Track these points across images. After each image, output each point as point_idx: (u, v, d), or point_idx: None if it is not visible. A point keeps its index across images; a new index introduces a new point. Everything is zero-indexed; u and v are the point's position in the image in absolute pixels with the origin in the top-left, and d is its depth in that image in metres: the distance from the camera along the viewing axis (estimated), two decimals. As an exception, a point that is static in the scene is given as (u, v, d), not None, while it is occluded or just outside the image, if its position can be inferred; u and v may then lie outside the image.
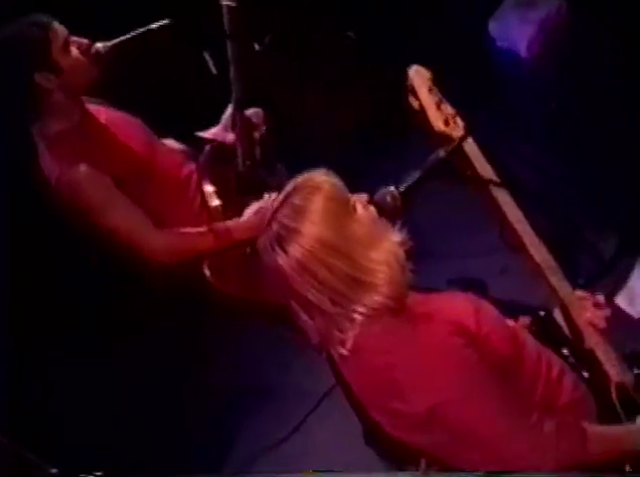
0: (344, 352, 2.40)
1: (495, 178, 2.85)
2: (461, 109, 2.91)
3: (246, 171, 3.85)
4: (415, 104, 2.95)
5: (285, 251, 2.37)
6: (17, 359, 4.39)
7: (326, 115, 5.13)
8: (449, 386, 2.38)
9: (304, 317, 2.42)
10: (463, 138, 2.86)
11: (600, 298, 2.79)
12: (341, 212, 2.43)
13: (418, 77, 2.97)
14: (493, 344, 2.49)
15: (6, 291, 4.28)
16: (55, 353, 4.64)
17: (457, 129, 2.90)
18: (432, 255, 4.65)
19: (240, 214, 3.68)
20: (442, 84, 2.95)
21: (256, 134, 3.88)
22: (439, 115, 2.89)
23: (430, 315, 2.46)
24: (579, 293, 2.82)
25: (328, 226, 2.38)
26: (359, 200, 2.53)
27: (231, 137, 3.87)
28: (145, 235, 3.55)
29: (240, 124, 3.81)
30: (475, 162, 2.86)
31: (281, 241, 2.38)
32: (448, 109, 2.92)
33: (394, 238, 2.46)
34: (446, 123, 2.88)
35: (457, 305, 2.57)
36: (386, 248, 2.43)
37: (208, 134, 3.91)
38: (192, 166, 3.92)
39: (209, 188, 3.86)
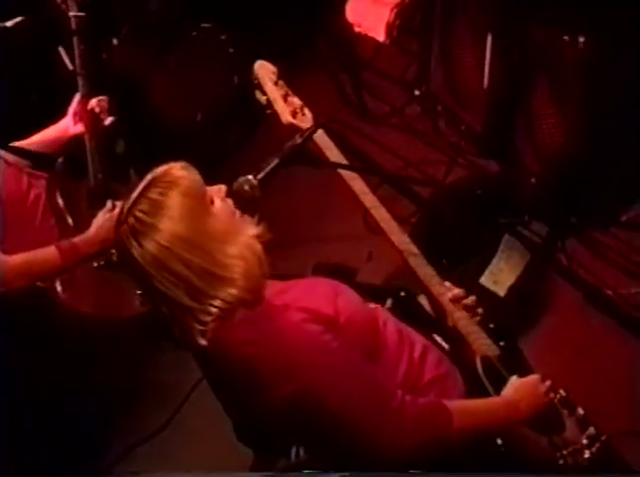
0: (203, 342, 2.37)
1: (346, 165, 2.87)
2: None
3: (98, 185, 3.77)
4: (263, 99, 2.95)
5: (141, 246, 2.34)
6: None
7: (183, 105, 5.09)
8: (309, 372, 2.36)
9: (165, 311, 2.39)
10: (320, 124, 2.86)
11: (459, 291, 2.82)
12: (198, 207, 2.38)
13: (263, 71, 2.98)
14: (353, 329, 2.49)
15: None
16: None
17: (306, 120, 2.91)
18: (300, 241, 4.68)
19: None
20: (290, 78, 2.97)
21: (103, 123, 3.80)
22: (287, 108, 2.89)
23: (288, 305, 2.44)
24: (445, 283, 2.84)
25: (184, 222, 2.34)
26: (217, 193, 2.50)
27: (75, 129, 3.78)
28: None
29: (86, 116, 3.74)
30: (326, 151, 2.87)
31: (137, 236, 2.33)
32: (295, 101, 2.92)
33: (250, 232, 2.44)
34: (294, 115, 2.88)
35: (315, 292, 2.56)
36: (242, 243, 2.41)
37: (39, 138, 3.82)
38: (38, 188, 3.77)
39: (60, 203, 3.75)
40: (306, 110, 2.90)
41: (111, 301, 3.69)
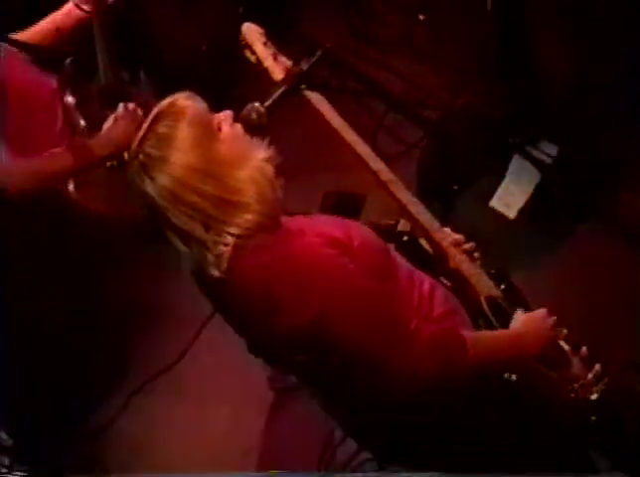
0: (216, 273, 2.38)
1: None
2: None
3: (109, 85, 3.72)
4: (253, 58, 2.97)
5: (153, 180, 2.34)
6: None
7: (189, 35, 5.05)
8: (328, 295, 2.37)
9: (181, 247, 2.40)
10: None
11: (459, 236, 2.84)
12: (206, 135, 2.39)
13: (251, 33, 2.99)
14: (367, 254, 2.50)
15: None
16: None
17: None
18: (309, 170, 4.68)
19: (103, 129, 3.61)
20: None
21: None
22: (277, 66, 2.91)
23: (303, 230, 2.45)
24: (445, 228, 2.86)
25: (194, 152, 2.34)
26: (224, 119, 2.50)
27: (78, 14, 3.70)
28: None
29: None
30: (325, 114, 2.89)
31: (149, 171, 2.34)
32: (285, 60, 2.94)
33: (260, 155, 2.44)
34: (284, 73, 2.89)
35: (327, 221, 2.59)
36: (252, 166, 2.41)
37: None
38: (52, 84, 3.76)
39: (71, 102, 3.73)
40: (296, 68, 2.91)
41: (124, 201, 3.57)
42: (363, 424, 2.79)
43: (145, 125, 2.40)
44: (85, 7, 3.66)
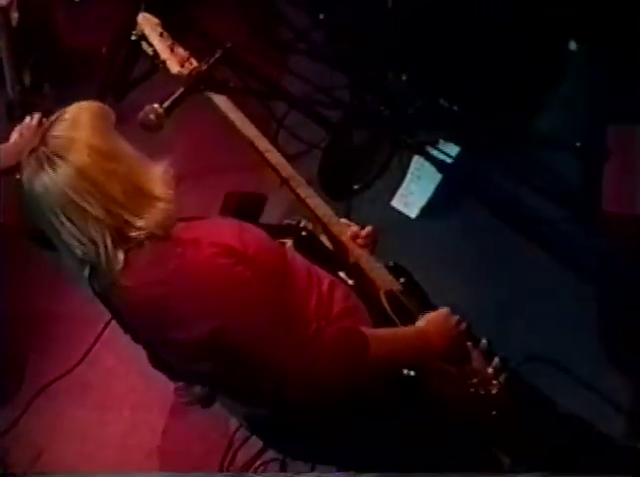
0: (109, 279, 2.37)
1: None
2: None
3: (16, 96, 3.74)
4: (150, 51, 2.94)
5: (65, 160, 2.30)
6: None
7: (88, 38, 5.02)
8: (226, 307, 2.37)
9: (78, 235, 2.36)
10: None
11: (357, 228, 2.84)
12: (109, 127, 2.39)
13: (147, 24, 2.96)
14: (262, 260, 2.48)
15: None
16: None
17: None
18: (211, 171, 4.67)
19: (9, 141, 3.59)
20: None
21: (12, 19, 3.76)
22: (174, 58, 2.88)
23: (198, 240, 2.41)
24: (342, 220, 2.87)
25: (101, 134, 2.34)
26: None
27: None
28: None
29: None
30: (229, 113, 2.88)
31: (60, 152, 2.31)
32: (181, 52, 2.91)
33: (159, 165, 2.45)
34: (182, 65, 2.87)
35: (221, 229, 2.54)
36: (159, 169, 2.42)
37: None
38: None
39: None
40: (193, 60, 2.89)
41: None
42: (268, 424, 2.78)
43: (51, 119, 2.41)
44: None
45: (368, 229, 2.82)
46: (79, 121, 2.35)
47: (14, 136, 3.52)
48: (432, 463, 2.76)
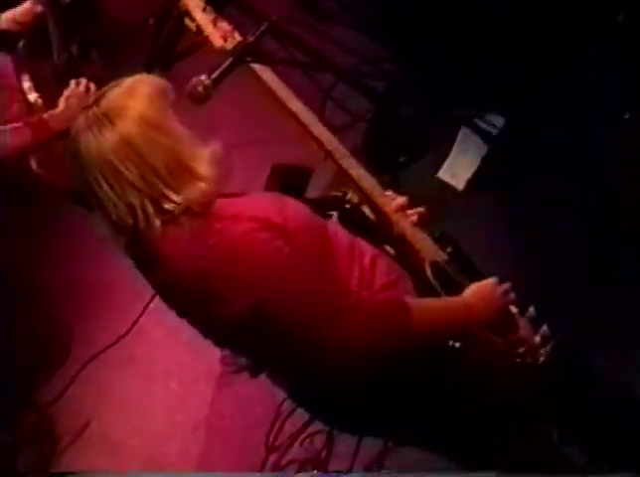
0: (158, 245, 2.38)
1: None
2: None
3: (63, 63, 3.79)
4: (192, 26, 2.95)
5: (114, 125, 2.31)
6: None
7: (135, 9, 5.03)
8: (265, 281, 2.37)
9: (115, 199, 2.36)
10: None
11: (403, 200, 2.83)
12: (166, 104, 2.40)
13: None
14: (303, 235, 2.46)
15: None
16: None
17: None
18: (257, 142, 4.67)
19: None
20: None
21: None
22: (217, 32, 2.89)
23: (237, 216, 2.41)
24: (387, 192, 2.85)
25: (154, 107, 2.35)
26: None
27: (39, 9, 3.81)
28: None
29: None
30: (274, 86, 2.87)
31: (110, 116, 2.32)
32: (225, 26, 2.91)
33: (211, 148, 2.44)
34: (225, 39, 2.87)
35: (263, 203, 2.52)
36: (208, 149, 2.41)
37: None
38: (7, 64, 3.83)
39: (27, 83, 3.81)
40: (236, 34, 2.90)
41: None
42: (315, 395, 2.78)
43: (107, 87, 2.41)
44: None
45: (417, 209, 2.80)
46: (136, 90, 2.37)
47: (62, 102, 3.63)
48: (463, 441, 2.75)
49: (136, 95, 2.36)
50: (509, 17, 4.07)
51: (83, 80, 3.64)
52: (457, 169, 4.28)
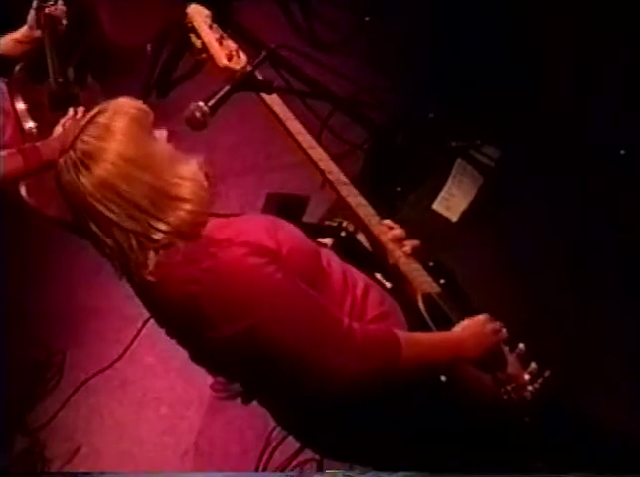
0: (150, 278, 2.36)
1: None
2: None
3: (58, 88, 3.76)
4: (198, 42, 2.95)
5: (89, 169, 2.31)
6: None
7: (133, 35, 5.04)
8: (258, 306, 2.36)
9: (103, 238, 2.37)
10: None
11: (399, 230, 2.83)
12: (145, 133, 2.38)
13: (197, 15, 2.97)
14: (296, 261, 2.47)
15: None
16: None
17: (241, 62, 2.91)
18: (253, 170, 4.67)
19: (53, 134, 3.66)
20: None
21: (60, 28, 3.77)
22: (222, 51, 2.89)
23: (230, 240, 2.41)
24: (384, 221, 2.85)
25: (133, 143, 2.33)
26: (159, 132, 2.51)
27: (38, 33, 3.76)
28: None
29: (43, 21, 3.70)
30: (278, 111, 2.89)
31: (85, 160, 2.31)
32: (230, 44, 2.92)
33: (194, 161, 2.45)
34: (229, 58, 2.88)
35: (256, 227, 2.52)
36: (192, 167, 2.41)
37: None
38: (2, 89, 3.84)
39: (21, 107, 3.82)
40: (241, 53, 2.91)
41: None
42: (304, 423, 2.78)
43: (87, 118, 2.40)
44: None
45: (413, 242, 2.81)
46: (112, 128, 2.35)
47: (58, 130, 3.60)
48: (460, 467, 2.73)
49: (111, 134, 2.34)
50: (505, 49, 4.09)
51: (81, 109, 3.61)
52: (452, 200, 4.28)
